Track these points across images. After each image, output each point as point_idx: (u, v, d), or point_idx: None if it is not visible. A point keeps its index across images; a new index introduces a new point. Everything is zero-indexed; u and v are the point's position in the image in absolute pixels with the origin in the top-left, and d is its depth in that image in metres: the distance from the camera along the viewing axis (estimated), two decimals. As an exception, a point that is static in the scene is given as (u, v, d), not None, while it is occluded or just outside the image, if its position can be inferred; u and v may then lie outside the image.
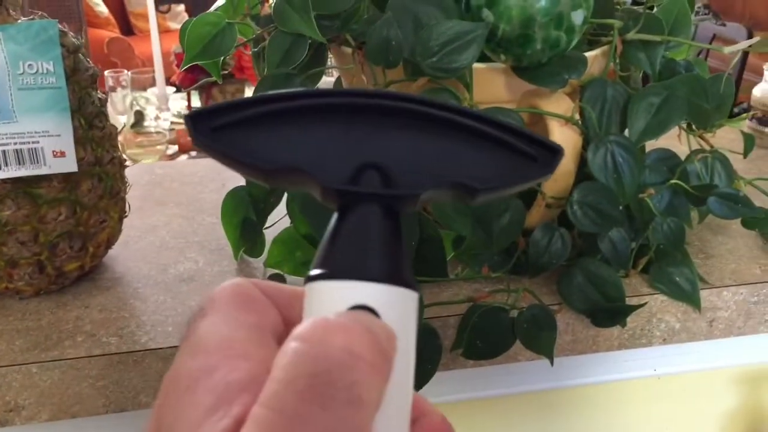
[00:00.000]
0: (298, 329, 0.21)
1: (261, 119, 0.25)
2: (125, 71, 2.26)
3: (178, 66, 3.05)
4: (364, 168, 0.25)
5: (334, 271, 0.24)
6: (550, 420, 0.72)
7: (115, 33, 4.21)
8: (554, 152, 0.26)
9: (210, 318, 0.25)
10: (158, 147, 2.18)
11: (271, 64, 0.60)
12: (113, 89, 2.22)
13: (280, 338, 0.24)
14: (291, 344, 0.21)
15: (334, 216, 0.26)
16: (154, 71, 2.37)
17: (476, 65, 0.59)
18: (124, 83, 2.23)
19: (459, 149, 0.26)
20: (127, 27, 4.40)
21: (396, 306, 0.24)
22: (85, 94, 0.57)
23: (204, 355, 0.23)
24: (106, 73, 2.22)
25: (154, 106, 2.29)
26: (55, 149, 0.53)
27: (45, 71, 0.53)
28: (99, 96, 0.59)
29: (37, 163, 0.53)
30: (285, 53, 0.61)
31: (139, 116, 2.22)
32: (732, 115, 0.82)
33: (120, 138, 1.96)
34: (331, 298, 0.24)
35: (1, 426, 0.53)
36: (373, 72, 0.59)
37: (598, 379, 0.70)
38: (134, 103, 2.24)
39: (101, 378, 0.53)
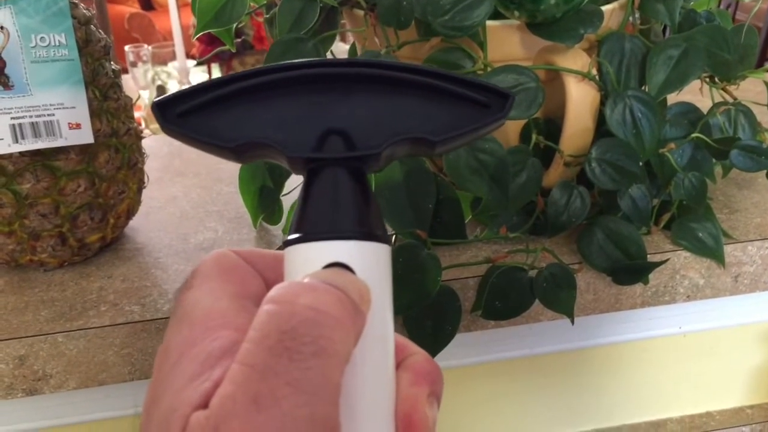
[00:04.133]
0: (271, 293, 0.23)
1: (222, 100, 0.27)
2: (145, 46, 2.26)
3: (198, 40, 3.05)
4: (326, 134, 0.27)
5: (307, 234, 0.26)
6: (574, 380, 0.72)
7: (135, 8, 4.22)
8: (506, 97, 0.27)
9: (193, 291, 0.26)
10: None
11: (282, 28, 0.60)
12: (134, 64, 2.23)
13: None
14: (264, 307, 0.22)
15: (303, 182, 0.27)
16: (174, 45, 2.37)
17: (490, 23, 0.58)
18: (144, 58, 2.24)
19: (414, 105, 0.28)
20: (147, 2, 4.40)
21: (368, 260, 0.25)
22: (98, 65, 0.57)
23: (189, 327, 0.25)
24: (126, 48, 2.23)
25: (176, 80, 2.29)
26: (71, 121, 0.54)
27: (57, 44, 0.53)
28: (113, 67, 0.59)
29: (54, 135, 0.53)
30: (296, 17, 0.60)
31: (161, 91, 2.23)
32: (760, 66, 0.80)
33: (143, 113, 1.96)
34: (306, 260, 0.25)
35: (31, 394, 0.54)
36: (386, 34, 0.59)
37: (622, 338, 0.70)
38: (156, 77, 2.25)
39: (125, 346, 0.54)
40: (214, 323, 0.24)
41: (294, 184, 0.64)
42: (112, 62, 0.60)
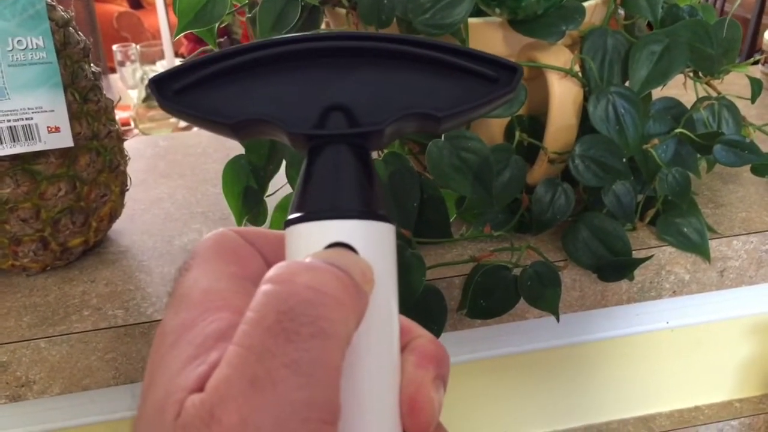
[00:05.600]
0: (269, 272, 0.22)
1: (221, 76, 0.26)
2: (133, 45, 2.25)
3: (186, 39, 3.04)
4: (328, 110, 0.26)
5: (308, 213, 0.25)
6: (562, 377, 0.72)
7: (124, 7, 4.20)
8: (513, 70, 0.26)
9: (192, 272, 0.25)
10: (170, 120, 2.18)
11: (263, 28, 0.59)
12: (122, 63, 2.22)
13: None
14: (262, 287, 0.22)
15: (305, 160, 0.26)
16: (162, 44, 2.36)
17: (472, 20, 0.57)
18: (132, 57, 2.22)
19: (418, 80, 0.26)
20: (135, 1, 4.38)
21: (371, 239, 0.24)
22: (77, 68, 0.56)
23: (186, 310, 0.24)
24: (114, 47, 2.22)
25: (165, 80, 2.27)
26: (50, 125, 0.53)
27: (35, 46, 0.52)
28: (93, 69, 0.59)
29: (32, 139, 0.53)
30: (278, 17, 0.60)
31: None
32: (749, 59, 0.80)
33: (132, 112, 1.94)
34: (308, 240, 0.24)
35: (14, 401, 0.54)
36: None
37: (610, 334, 0.70)
38: (144, 77, 2.24)
39: (109, 350, 0.54)
40: (212, 305, 0.24)
41: (278, 185, 0.64)
42: (92, 64, 0.59)
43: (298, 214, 0.25)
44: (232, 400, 0.20)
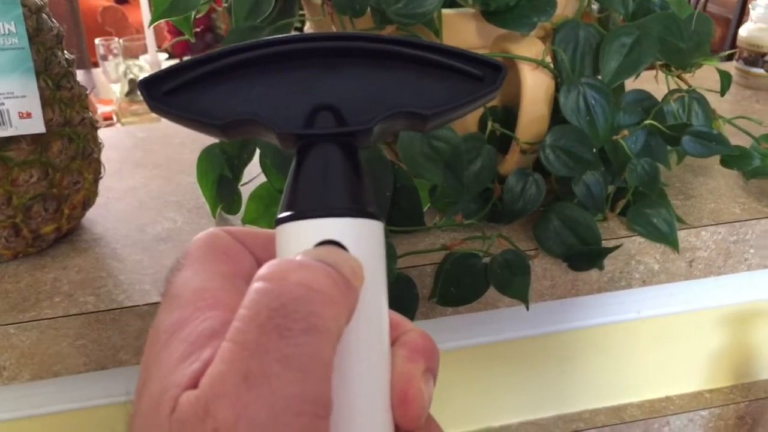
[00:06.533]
0: (261, 270, 0.23)
1: (210, 77, 0.26)
2: (116, 39, 2.24)
3: (169, 33, 3.02)
4: (316, 110, 0.26)
5: (298, 212, 0.25)
6: (534, 367, 0.73)
7: (108, 2, 4.17)
8: (498, 69, 0.27)
9: (184, 272, 0.26)
10: (153, 115, 2.16)
11: (238, 17, 0.60)
12: (105, 57, 2.21)
13: None
14: (254, 284, 0.22)
15: (294, 159, 0.26)
16: (145, 38, 2.35)
17: (445, 11, 0.58)
18: (115, 51, 2.21)
19: (405, 79, 0.27)
20: (120, -5, 4.35)
21: (361, 237, 0.25)
22: (50, 54, 0.56)
23: (179, 309, 0.24)
24: (96, 41, 2.21)
25: (147, 74, 2.27)
26: (21, 110, 0.53)
27: (6, 32, 0.52)
28: (67, 56, 0.59)
29: (3, 124, 0.53)
30: (252, 6, 0.60)
31: (133, 84, 2.20)
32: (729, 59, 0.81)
33: (114, 107, 1.93)
34: (298, 238, 0.25)
35: (-15, 387, 0.54)
36: (342, 22, 0.59)
37: (581, 324, 0.70)
38: (127, 71, 2.23)
39: (80, 337, 0.54)
40: (205, 303, 0.24)
41: (252, 173, 0.64)
42: (65, 51, 0.59)
43: (288, 213, 0.25)
44: (226, 395, 0.20)
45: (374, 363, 0.25)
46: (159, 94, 0.26)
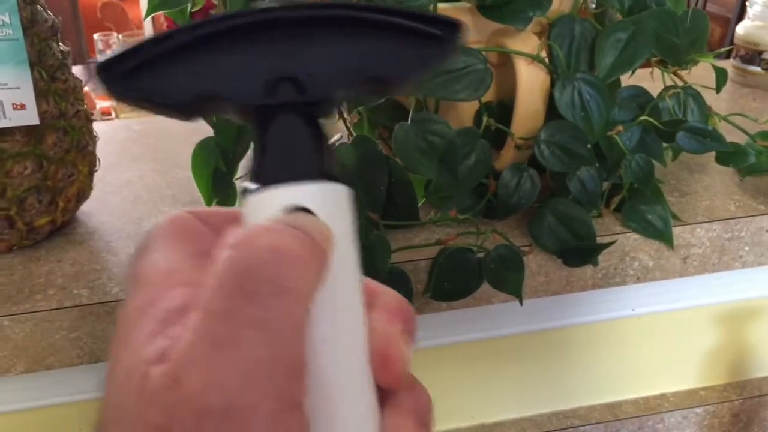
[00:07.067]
0: (228, 238, 0.22)
1: (168, 56, 0.26)
2: (115, 34, 2.23)
3: (168, 28, 3.02)
4: (276, 81, 0.26)
5: (263, 181, 0.25)
6: (529, 363, 0.73)
7: (108, -3, 4.16)
8: (455, 26, 0.27)
9: (150, 254, 0.26)
10: (151, 110, 2.16)
11: (234, 3, 0.59)
12: (103, 52, 2.20)
13: None
14: (222, 253, 0.22)
15: (255, 132, 0.26)
16: (144, 34, 2.35)
17: (441, 6, 0.58)
18: (114, 46, 2.21)
19: (364, 44, 0.27)
20: (119, -9, 4.34)
21: (327, 201, 0.25)
22: (45, 46, 0.56)
23: (146, 290, 0.24)
24: (95, 36, 2.20)
25: (146, 69, 2.26)
26: (15, 102, 0.53)
27: (0, 23, 0.52)
28: (62, 48, 0.59)
29: (-3, 116, 0.53)
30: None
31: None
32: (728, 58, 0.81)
33: (113, 102, 1.91)
34: (264, 207, 0.24)
35: (-22, 379, 0.54)
36: (337, 16, 0.58)
37: (576, 320, 0.70)
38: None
39: (74, 329, 0.54)
40: (172, 282, 0.24)
41: (247, 167, 0.64)
42: (60, 43, 0.59)
43: (253, 186, 0.25)
44: (195, 363, 0.20)
45: (350, 325, 0.25)
46: (116, 78, 0.25)
